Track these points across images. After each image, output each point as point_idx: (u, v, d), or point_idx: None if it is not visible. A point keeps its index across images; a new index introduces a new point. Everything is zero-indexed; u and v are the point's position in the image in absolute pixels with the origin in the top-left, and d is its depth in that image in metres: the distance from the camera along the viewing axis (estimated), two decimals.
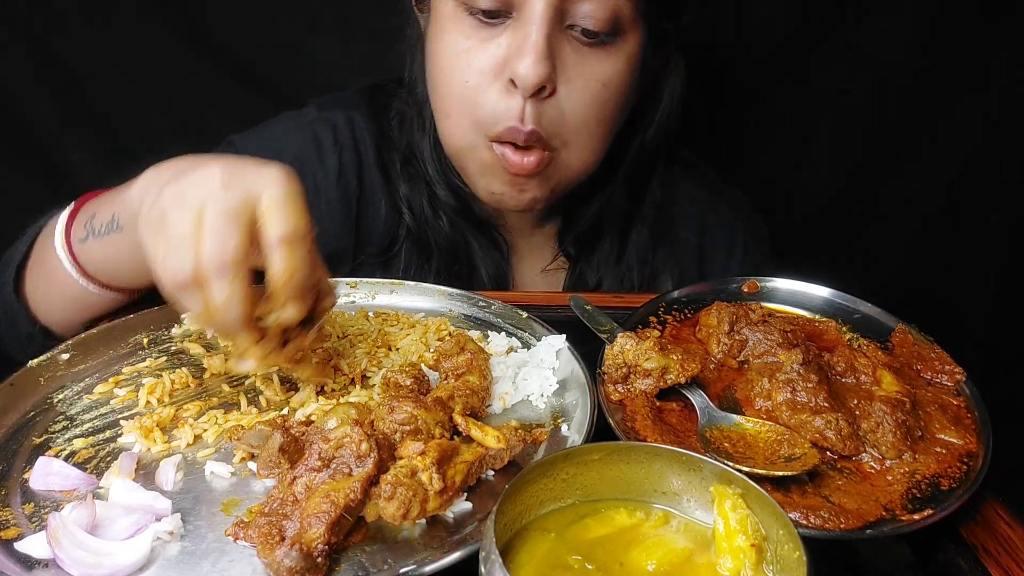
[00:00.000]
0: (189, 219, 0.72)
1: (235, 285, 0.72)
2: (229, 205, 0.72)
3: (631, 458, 0.62)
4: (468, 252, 1.22)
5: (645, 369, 0.84)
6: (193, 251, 0.72)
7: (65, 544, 0.63)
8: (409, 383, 0.81)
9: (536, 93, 0.99)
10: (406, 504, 0.63)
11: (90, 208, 0.98)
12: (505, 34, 0.99)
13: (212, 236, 0.71)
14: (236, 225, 0.72)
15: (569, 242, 1.25)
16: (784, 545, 0.55)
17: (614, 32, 1.00)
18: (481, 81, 1.01)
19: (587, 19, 0.98)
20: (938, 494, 0.73)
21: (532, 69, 0.96)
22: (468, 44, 1.01)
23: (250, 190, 0.73)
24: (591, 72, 1.01)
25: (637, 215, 1.25)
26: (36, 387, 0.85)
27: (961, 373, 0.89)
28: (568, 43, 1.00)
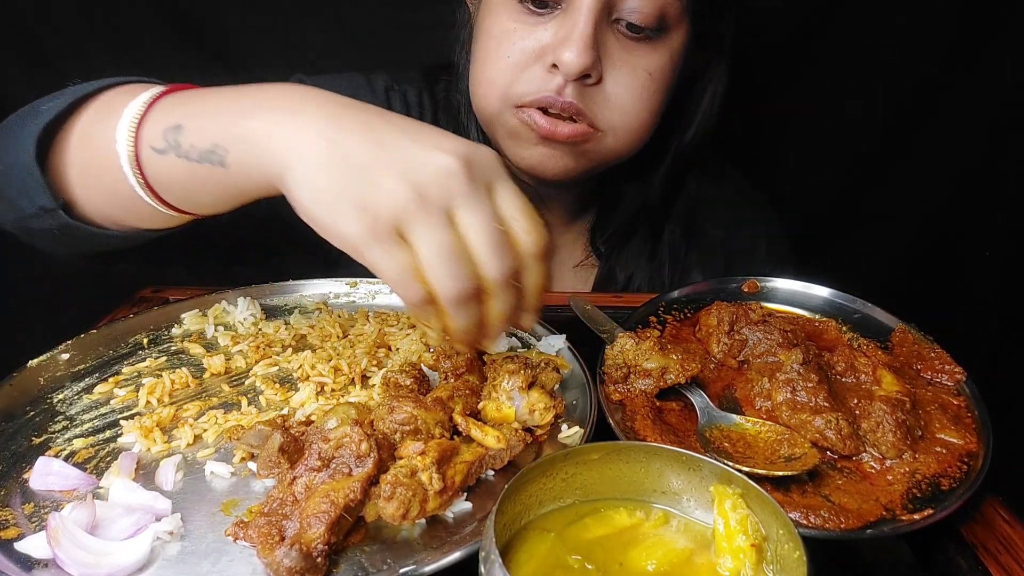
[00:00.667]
0: (449, 232, 0.65)
1: (513, 295, 0.70)
2: (490, 214, 0.67)
3: (631, 458, 0.62)
4: None
5: (645, 369, 0.84)
6: (468, 266, 0.66)
7: (65, 544, 0.63)
8: (409, 383, 0.81)
9: (578, 80, 1.02)
10: (406, 504, 0.63)
11: (177, 111, 0.79)
12: (552, 23, 1.03)
13: (490, 253, 0.66)
14: (506, 244, 0.67)
15: (601, 238, 1.27)
16: (784, 545, 0.55)
17: (659, 28, 1.03)
18: (522, 58, 1.04)
19: (633, 14, 1.01)
20: (938, 494, 0.73)
21: (577, 57, 0.98)
22: (516, 26, 1.05)
23: (490, 184, 0.69)
24: (637, 62, 1.04)
25: (671, 214, 1.28)
26: (36, 387, 0.85)
27: (961, 373, 0.89)
28: (614, 35, 1.03)
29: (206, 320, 1.00)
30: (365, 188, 0.65)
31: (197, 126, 0.76)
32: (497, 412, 0.77)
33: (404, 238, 0.66)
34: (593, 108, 1.05)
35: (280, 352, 0.94)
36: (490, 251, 0.66)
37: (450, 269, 0.65)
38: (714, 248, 1.30)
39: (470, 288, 0.67)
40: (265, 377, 0.89)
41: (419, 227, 0.65)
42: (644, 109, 1.08)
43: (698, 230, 1.29)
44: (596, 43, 1.00)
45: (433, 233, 0.65)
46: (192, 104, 0.80)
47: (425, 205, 0.65)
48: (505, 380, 0.78)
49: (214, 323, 0.99)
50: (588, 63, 1.00)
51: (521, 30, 1.05)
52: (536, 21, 1.04)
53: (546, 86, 1.03)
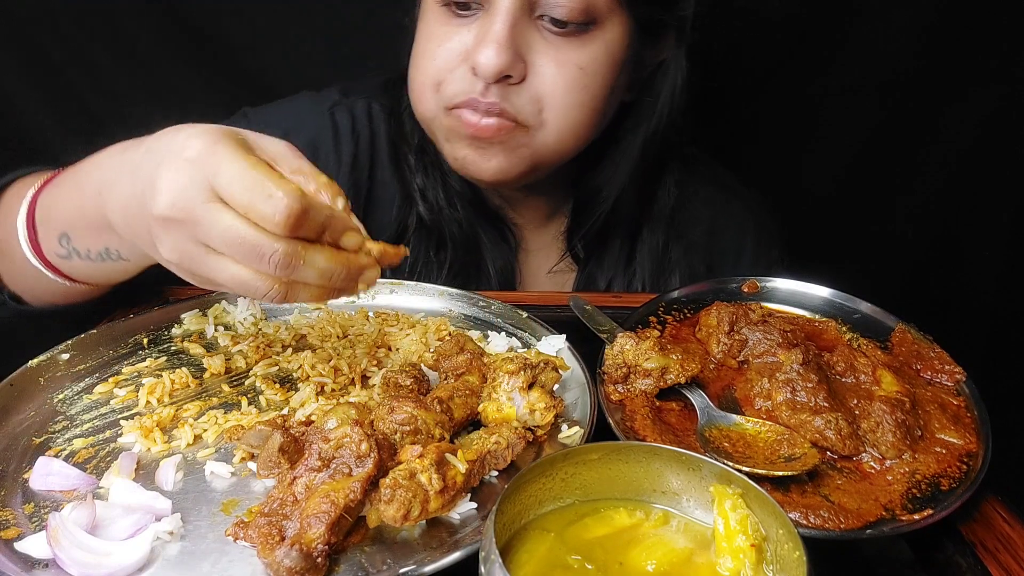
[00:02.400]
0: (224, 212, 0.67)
1: (321, 254, 0.70)
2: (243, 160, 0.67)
3: (630, 458, 0.62)
4: (477, 245, 1.23)
5: (645, 369, 0.84)
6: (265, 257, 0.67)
7: (65, 544, 0.63)
8: (409, 383, 0.81)
9: (500, 81, 1.00)
10: (406, 505, 0.63)
11: (57, 219, 0.88)
12: (475, 24, 1.02)
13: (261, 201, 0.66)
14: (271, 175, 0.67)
15: (577, 242, 1.25)
16: (784, 545, 0.55)
17: (587, 22, 1.01)
18: (447, 62, 1.04)
19: (556, 8, 0.99)
20: (938, 494, 0.73)
21: (492, 59, 0.98)
22: (441, 30, 1.05)
23: (213, 185, 0.68)
24: (566, 57, 1.02)
25: (648, 217, 1.25)
26: (36, 387, 0.85)
27: (961, 373, 0.89)
28: (539, 32, 1.01)
29: (206, 320, 1.00)
30: (152, 248, 0.72)
31: (79, 234, 0.86)
32: (497, 412, 0.78)
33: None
34: (520, 106, 1.03)
35: (280, 352, 0.94)
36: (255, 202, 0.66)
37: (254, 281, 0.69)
38: (696, 249, 1.28)
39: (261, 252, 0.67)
40: (265, 377, 0.89)
41: (199, 219, 0.67)
42: (576, 105, 1.05)
43: (680, 231, 1.27)
44: (514, 43, 0.99)
45: (211, 218, 0.67)
46: (59, 205, 0.88)
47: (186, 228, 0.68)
48: (505, 380, 0.78)
49: (214, 323, 0.99)
50: (504, 64, 0.98)
51: (446, 33, 1.04)
52: (460, 23, 1.03)
53: (472, 88, 1.02)
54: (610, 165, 1.18)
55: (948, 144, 1.64)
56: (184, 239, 0.69)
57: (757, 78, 1.61)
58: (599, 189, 1.20)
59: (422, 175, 1.20)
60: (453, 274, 1.20)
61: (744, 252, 1.31)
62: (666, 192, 1.25)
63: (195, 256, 0.69)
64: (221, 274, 0.69)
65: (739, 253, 1.31)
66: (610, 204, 1.20)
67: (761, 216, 1.34)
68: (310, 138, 1.18)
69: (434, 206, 1.20)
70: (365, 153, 1.22)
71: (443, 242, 1.20)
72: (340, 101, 1.23)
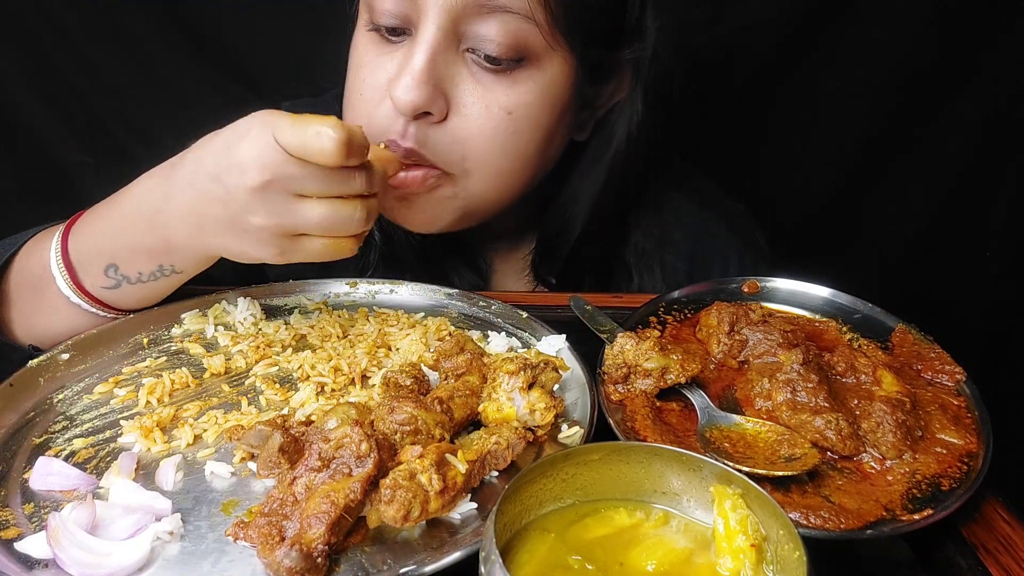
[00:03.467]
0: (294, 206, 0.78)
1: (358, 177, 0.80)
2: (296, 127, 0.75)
3: (631, 458, 0.62)
4: (443, 270, 1.18)
5: (645, 369, 0.84)
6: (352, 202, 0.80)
7: (65, 544, 0.63)
8: (409, 383, 0.81)
9: (420, 117, 0.94)
10: (406, 506, 0.63)
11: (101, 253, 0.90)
12: (399, 52, 0.95)
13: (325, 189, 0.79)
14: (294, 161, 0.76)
15: (545, 273, 1.19)
16: (784, 545, 0.55)
17: (519, 58, 0.93)
18: (373, 96, 0.97)
19: (486, 43, 0.91)
20: (938, 494, 0.73)
21: (406, 94, 0.91)
22: (368, 59, 0.98)
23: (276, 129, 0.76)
24: (493, 98, 0.94)
25: (620, 253, 1.19)
26: (36, 387, 0.85)
27: (961, 373, 0.89)
28: (466, 67, 0.94)
29: (206, 320, 0.99)
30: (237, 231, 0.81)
31: (129, 261, 0.90)
32: (497, 412, 0.78)
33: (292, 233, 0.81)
34: (439, 151, 0.96)
35: (280, 352, 0.94)
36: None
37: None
38: (676, 277, 1.19)
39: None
40: (265, 377, 0.89)
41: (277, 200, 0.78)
42: (502, 152, 0.97)
43: (655, 263, 1.19)
44: (434, 77, 0.91)
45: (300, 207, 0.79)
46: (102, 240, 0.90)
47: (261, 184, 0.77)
48: (505, 381, 0.78)
49: (214, 323, 0.99)
50: (420, 100, 0.91)
51: (373, 63, 0.97)
52: (387, 51, 0.96)
53: (393, 126, 0.94)
54: (568, 204, 1.12)
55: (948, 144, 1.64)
56: (278, 199, 0.78)
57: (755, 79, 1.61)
58: (562, 226, 1.14)
59: None
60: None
61: (728, 272, 1.23)
62: (638, 234, 1.18)
63: (288, 210, 0.78)
64: (313, 215, 0.79)
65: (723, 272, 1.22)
66: (571, 242, 1.14)
67: (745, 234, 1.27)
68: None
69: (391, 236, 1.15)
70: None
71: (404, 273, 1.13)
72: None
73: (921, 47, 1.56)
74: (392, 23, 0.94)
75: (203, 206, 0.81)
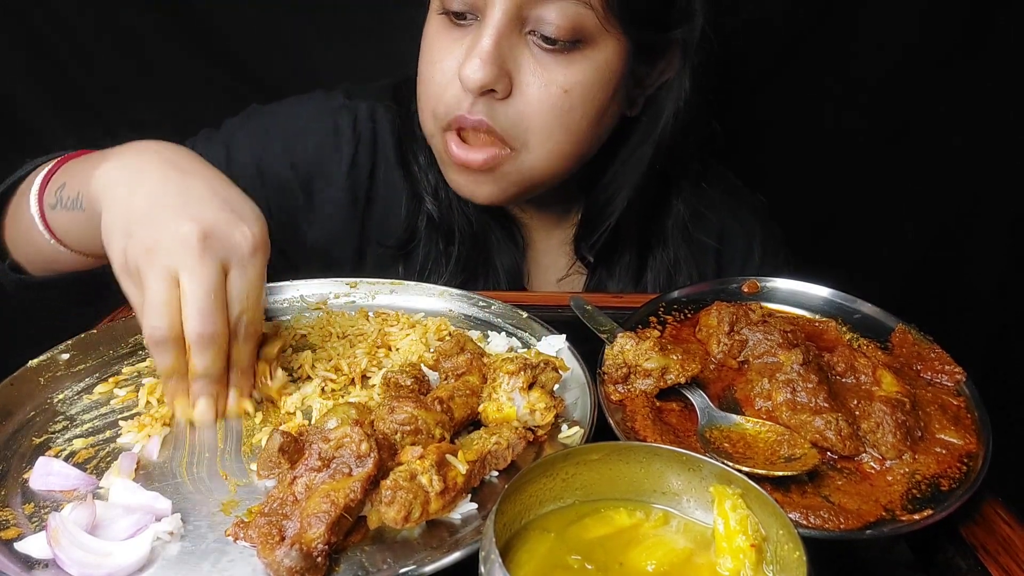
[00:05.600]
0: (165, 285, 0.75)
1: (219, 355, 0.78)
2: (207, 281, 0.76)
3: (631, 458, 0.62)
4: (486, 241, 1.24)
5: (645, 369, 0.84)
6: (172, 317, 0.76)
7: (65, 544, 0.63)
8: (409, 383, 0.81)
9: (485, 94, 1.01)
10: (407, 507, 0.63)
11: (64, 174, 1.00)
12: (469, 36, 1.02)
13: (197, 314, 0.75)
14: (219, 305, 0.76)
15: (586, 249, 1.24)
16: (784, 545, 0.55)
17: (576, 40, 1.00)
18: (443, 77, 1.04)
19: (546, 26, 0.98)
20: (938, 494, 0.73)
21: (474, 72, 0.98)
22: (441, 43, 1.06)
23: (225, 261, 0.77)
24: (551, 77, 1.01)
25: (660, 231, 1.25)
26: (36, 387, 0.85)
27: (961, 373, 0.89)
28: (528, 48, 1.01)
29: None
30: (129, 232, 0.78)
31: (71, 183, 0.96)
32: (498, 412, 0.78)
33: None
34: (504, 124, 1.03)
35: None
36: (192, 312, 0.75)
37: (156, 315, 0.75)
38: (707, 257, 1.28)
39: (166, 335, 0.76)
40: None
41: (146, 276, 0.76)
42: (560, 127, 1.04)
43: (689, 240, 1.26)
44: (500, 57, 0.99)
45: (154, 283, 0.75)
46: (75, 165, 0.99)
47: (153, 260, 0.76)
48: (505, 381, 0.78)
49: None
50: (487, 78, 0.98)
51: (445, 47, 1.05)
52: (458, 35, 1.03)
53: (461, 103, 1.03)
54: (615, 179, 1.18)
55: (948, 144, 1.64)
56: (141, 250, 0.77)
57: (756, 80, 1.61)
58: (607, 201, 1.20)
59: (434, 172, 1.20)
60: (460, 269, 1.21)
61: (752, 256, 1.31)
62: (679, 207, 1.25)
63: (138, 267, 0.77)
64: (138, 297, 0.78)
65: (746, 259, 1.31)
66: (616, 217, 1.20)
67: (767, 220, 1.34)
68: (317, 143, 1.21)
69: (443, 202, 1.21)
70: (365, 154, 1.22)
71: (452, 237, 1.21)
72: (344, 104, 1.24)
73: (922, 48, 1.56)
74: (461, 8, 1.02)
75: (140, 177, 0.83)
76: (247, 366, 0.82)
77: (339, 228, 1.23)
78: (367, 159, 1.23)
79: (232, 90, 1.56)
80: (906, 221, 1.72)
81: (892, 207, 1.70)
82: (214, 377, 0.79)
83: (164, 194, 0.80)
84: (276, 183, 1.20)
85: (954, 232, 1.71)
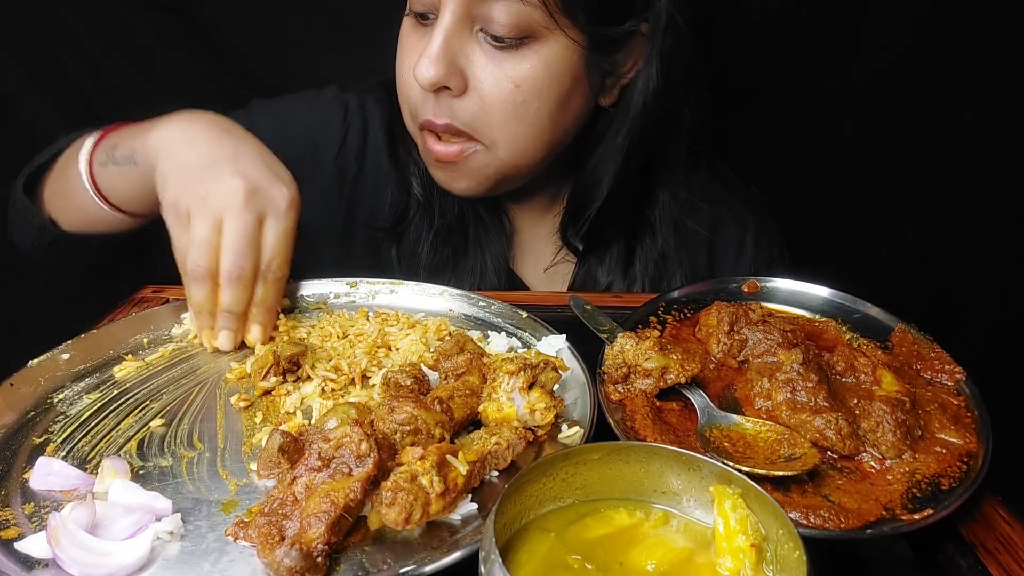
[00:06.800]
0: (211, 226, 0.89)
1: (244, 293, 0.91)
2: (247, 227, 0.89)
3: (631, 458, 0.62)
4: (473, 225, 1.26)
5: (645, 369, 0.84)
6: (212, 257, 0.89)
7: (65, 544, 0.63)
8: (409, 383, 0.81)
9: (440, 92, 1.05)
10: (408, 508, 0.63)
11: (114, 137, 1.07)
12: (428, 36, 1.04)
13: (232, 254, 0.89)
14: (252, 249, 0.90)
15: (572, 236, 1.25)
16: (784, 545, 0.55)
17: (523, 36, 1.02)
18: (409, 76, 1.07)
19: (494, 24, 1.01)
20: (938, 493, 0.73)
21: (424, 71, 1.02)
22: (408, 42, 1.10)
23: (263, 213, 0.91)
24: (502, 73, 1.04)
25: (647, 222, 1.26)
26: (36, 387, 0.85)
27: (961, 373, 0.89)
28: (479, 45, 1.04)
29: None
30: (184, 180, 0.92)
31: (124, 144, 1.04)
32: (498, 412, 0.77)
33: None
34: (466, 120, 1.06)
35: None
36: (228, 253, 0.89)
37: (201, 253, 0.89)
38: (698, 248, 1.29)
39: (204, 272, 0.90)
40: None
41: (196, 218, 0.90)
42: (516, 120, 1.07)
43: (681, 230, 1.27)
44: (449, 55, 1.02)
45: (201, 225, 0.89)
46: (126, 130, 1.07)
47: (204, 206, 0.89)
48: (505, 381, 0.78)
49: None
50: (436, 76, 1.02)
51: (410, 47, 1.09)
52: (421, 35, 1.07)
53: (424, 105, 1.07)
54: (596, 168, 1.19)
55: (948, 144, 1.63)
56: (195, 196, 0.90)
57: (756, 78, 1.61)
58: (589, 189, 1.21)
59: (422, 159, 1.22)
60: (448, 252, 1.24)
61: (745, 249, 1.31)
62: (664, 197, 1.25)
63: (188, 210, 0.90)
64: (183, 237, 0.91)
65: (740, 251, 1.31)
66: (598, 205, 1.20)
67: (761, 213, 1.35)
68: (303, 129, 1.25)
69: (428, 185, 1.24)
70: (354, 141, 1.26)
71: (436, 216, 1.24)
72: (336, 96, 1.28)
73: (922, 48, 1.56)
74: (422, 9, 1.06)
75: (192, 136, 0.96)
76: (272, 305, 0.95)
77: (326, 213, 1.26)
78: (356, 145, 1.27)
79: (232, 90, 1.55)
80: (906, 221, 1.71)
81: (892, 207, 1.70)
82: (237, 313, 0.92)
83: (220, 152, 0.93)
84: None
85: (954, 232, 1.71)
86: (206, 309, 0.92)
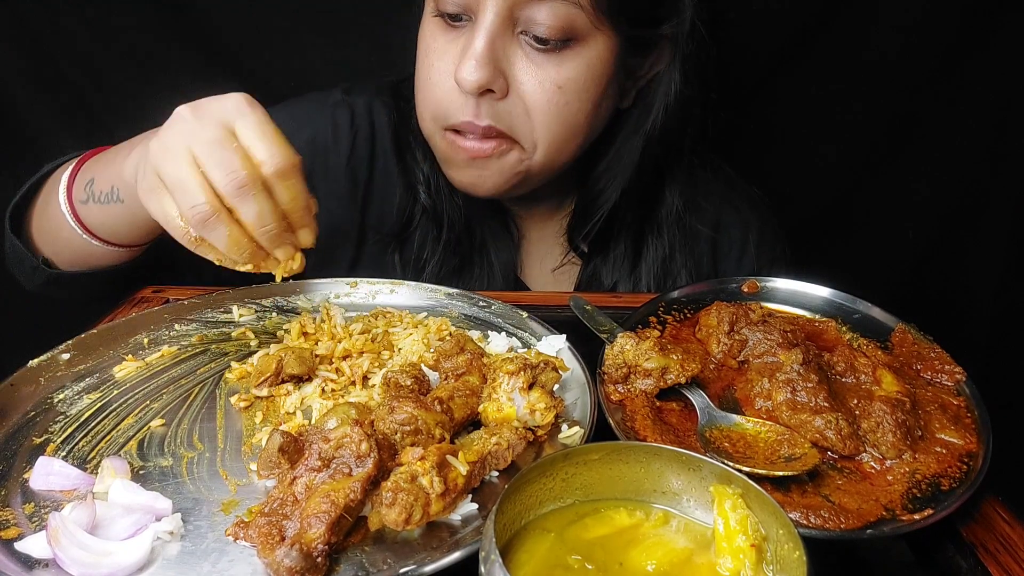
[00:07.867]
0: (183, 162, 0.80)
1: (261, 198, 0.81)
2: (213, 135, 0.80)
3: (631, 458, 0.62)
4: (480, 232, 1.25)
5: (645, 369, 0.84)
6: (203, 187, 0.79)
7: (65, 544, 0.63)
8: (409, 383, 0.81)
9: (483, 95, 1.03)
10: (408, 509, 0.63)
11: (91, 169, 1.04)
12: (463, 37, 1.04)
13: (216, 167, 0.79)
14: (234, 152, 0.80)
15: (579, 240, 1.25)
16: (784, 545, 0.55)
17: (567, 39, 1.02)
18: (440, 79, 1.06)
19: (538, 26, 1.00)
20: (938, 494, 0.73)
21: (470, 74, 1.00)
22: (435, 44, 1.07)
23: (222, 119, 0.82)
24: (545, 75, 1.03)
25: (653, 222, 1.26)
26: (36, 387, 0.85)
27: (961, 373, 0.89)
28: (520, 48, 1.03)
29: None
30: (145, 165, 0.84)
31: (103, 177, 1.01)
32: (498, 412, 0.77)
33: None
34: (509, 123, 1.06)
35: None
36: (213, 169, 0.79)
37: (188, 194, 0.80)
38: (702, 247, 1.29)
39: (206, 209, 0.79)
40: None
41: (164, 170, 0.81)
42: (557, 123, 1.07)
43: (685, 229, 1.28)
44: (494, 58, 1.01)
45: (172, 171, 0.81)
46: (100, 161, 1.04)
47: (166, 156, 0.81)
48: (505, 381, 0.78)
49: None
50: (483, 79, 1.00)
51: (440, 49, 1.06)
52: (452, 37, 1.05)
53: (464, 107, 1.04)
54: (609, 170, 1.20)
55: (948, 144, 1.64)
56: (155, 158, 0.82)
57: (758, 78, 1.61)
58: (600, 192, 1.21)
59: (428, 164, 1.22)
60: (452, 254, 1.23)
61: (748, 248, 1.31)
62: (672, 197, 1.26)
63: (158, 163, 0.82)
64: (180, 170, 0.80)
65: (743, 249, 1.31)
66: (608, 208, 1.21)
67: (764, 212, 1.35)
68: (312, 136, 1.22)
69: (436, 193, 1.23)
70: (363, 146, 1.25)
71: (444, 229, 1.23)
72: (342, 99, 1.26)
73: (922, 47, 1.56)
74: (455, 10, 1.03)
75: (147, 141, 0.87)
76: (301, 202, 0.85)
77: (340, 220, 1.24)
78: (365, 150, 1.25)
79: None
80: (906, 221, 1.71)
81: (892, 207, 1.70)
82: (270, 223, 0.82)
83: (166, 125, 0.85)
84: None
85: (954, 232, 1.71)
86: (239, 242, 0.82)
